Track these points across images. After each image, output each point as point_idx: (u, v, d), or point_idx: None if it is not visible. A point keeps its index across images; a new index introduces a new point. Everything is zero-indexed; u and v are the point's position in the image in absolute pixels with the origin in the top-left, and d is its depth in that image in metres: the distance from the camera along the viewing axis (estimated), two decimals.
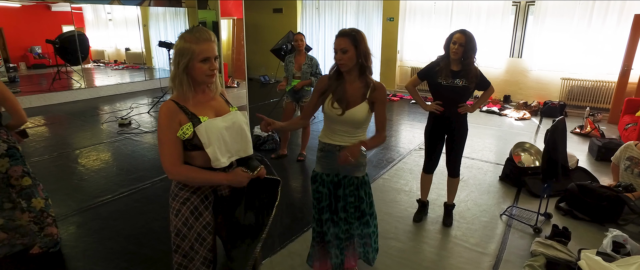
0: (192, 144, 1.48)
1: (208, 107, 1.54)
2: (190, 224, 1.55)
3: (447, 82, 2.64)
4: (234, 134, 1.55)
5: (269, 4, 9.86)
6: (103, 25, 10.62)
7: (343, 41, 1.80)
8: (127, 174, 3.89)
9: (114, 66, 10.64)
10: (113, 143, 4.89)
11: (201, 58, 1.44)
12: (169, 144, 1.44)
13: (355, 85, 1.88)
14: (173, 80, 1.48)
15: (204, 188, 1.56)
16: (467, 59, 2.59)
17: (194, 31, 1.45)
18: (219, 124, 1.50)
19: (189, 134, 1.46)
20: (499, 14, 6.96)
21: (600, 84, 6.49)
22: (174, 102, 1.48)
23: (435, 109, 2.71)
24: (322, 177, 2.02)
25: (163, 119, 1.44)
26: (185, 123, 1.46)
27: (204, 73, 1.47)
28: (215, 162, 1.48)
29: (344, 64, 1.82)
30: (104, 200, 3.33)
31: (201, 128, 1.45)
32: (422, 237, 2.84)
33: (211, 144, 1.46)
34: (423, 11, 7.80)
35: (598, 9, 6.26)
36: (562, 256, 2.50)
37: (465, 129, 2.80)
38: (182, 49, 1.44)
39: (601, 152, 4.33)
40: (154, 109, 6.71)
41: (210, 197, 1.59)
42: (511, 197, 3.47)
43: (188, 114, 1.47)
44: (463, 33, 2.56)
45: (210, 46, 1.45)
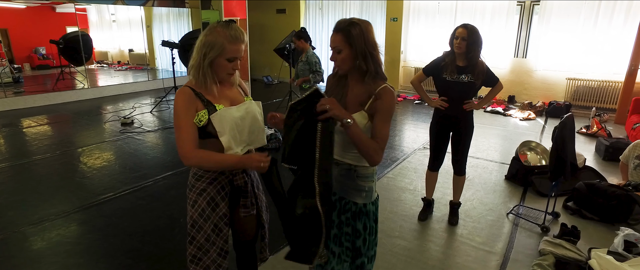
0: (206, 132, 1.48)
1: (223, 96, 1.54)
2: (206, 215, 1.55)
3: (452, 77, 2.61)
4: (248, 124, 1.55)
5: (273, 4, 9.87)
6: (107, 27, 10.64)
7: (336, 38, 1.42)
8: (130, 172, 3.87)
9: (117, 67, 10.66)
10: (116, 142, 4.88)
11: (230, 57, 1.45)
12: (186, 128, 1.43)
13: (355, 91, 1.49)
14: (196, 70, 1.46)
15: (220, 178, 1.56)
16: (472, 54, 2.54)
17: (229, 28, 1.43)
18: (234, 113, 1.50)
19: (204, 121, 1.46)
20: (504, 13, 6.92)
21: (607, 84, 6.43)
22: (190, 88, 1.48)
23: (440, 105, 2.68)
24: None
25: (180, 104, 1.44)
26: (201, 110, 1.46)
27: (226, 71, 1.48)
28: (229, 151, 1.48)
29: (338, 66, 1.47)
30: (107, 198, 3.31)
31: (216, 116, 1.45)
32: (427, 235, 2.81)
33: (225, 133, 1.46)
34: (427, 11, 7.77)
35: (604, 9, 6.21)
36: (572, 255, 2.45)
37: (471, 127, 2.76)
38: (213, 43, 1.42)
39: (609, 151, 4.27)
40: (156, 108, 6.70)
41: (226, 188, 1.58)
42: (517, 196, 3.42)
43: (204, 101, 1.47)
44: (465, 27, 2.52)
45: (240, 47, 1.46)
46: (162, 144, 4.84)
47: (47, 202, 3.23)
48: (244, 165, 1.48)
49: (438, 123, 2.79)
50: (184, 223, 2.87)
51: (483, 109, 6.81)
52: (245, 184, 1.60)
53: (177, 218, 2.96)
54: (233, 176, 1.57)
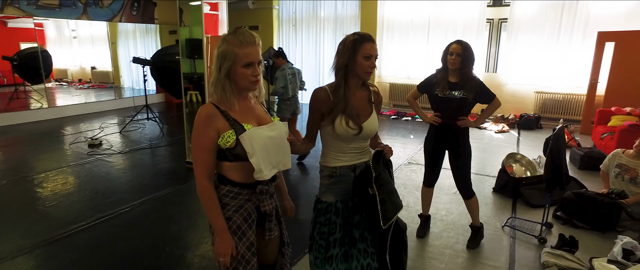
0: (233, 154, 1.37)
1: (250, 114, 1.44)
2: (241, 233, 1.45)
3: (444, 93, 2.58)
4: (277, 145, 1.45)
5: (245, 20, 9.75)
6: (66, 43, 10.07)
7: (376, 47, 1.59)
8: (102, 198, 3.55)
9: (78, 85, 10.07)
10: (83, 165, 4.51)
11: (244, 62, 1.34)
12: (201, 149, 1.36)
13: (359, 94, 1.66)
14: (215, 85, 1.38)
15: (247, 206, 1.46)
16: (466, 69, 2.53)
17: (237, 33, 1.35)
18: (264, 132, 1.40)
19: (231, 142, 1.35)
20: (474, 30, 7.19)
21: (571, 96, 6.79)
22: (214, 106, 1.37)
23: (434, 120, 2.65)
24: (336, 205, 1.72)
25: (200, 122, 1.35)
26: (226, 130, 1.35)
27: (247, 79, 1.37)
28: (258, 173, 1.37)
29: (372, 72, 1.62)
30: (79, 228, 2.99)
31: (246, 136, 1.34)
32: (429, 253, 2.73)
33: (255, 154, 1.35)
34: (400, 27, 7.94)
35: (565, 26, 6.60)
36: (574, 266, 2.45)
37: (467, 144, 2.67)
38: (224, 52, 1.34)
39: (584, 161, 4.44)
40: (126, 128, 6.32)
41: (253, 215, 1.48)
42: (508, 208, 3.44)
43: (229, 120, 1.36)
44: (459, 43, 2.51)
45: (254, 50, 1.36)
46: (137, 166, 4.52)
47: (3, 236, 2.87)
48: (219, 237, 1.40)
49: (432, 139, 2.74)
50: (171, 251, 2.65)
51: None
52: (272, 209, 1.52)
53: (162, 246, 2.71)
54: (260, 202, 1.48)
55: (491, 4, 7.21)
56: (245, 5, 9.09)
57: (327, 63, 9.10)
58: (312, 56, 9.29)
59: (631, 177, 3.18)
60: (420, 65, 7.87)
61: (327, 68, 9.14)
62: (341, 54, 1.58)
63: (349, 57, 1.56)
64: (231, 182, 1.42)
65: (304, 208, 3.40)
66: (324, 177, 1.75)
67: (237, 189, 1.42)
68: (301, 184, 4.14)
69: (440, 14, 7.47)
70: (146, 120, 6.73)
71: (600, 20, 6.36)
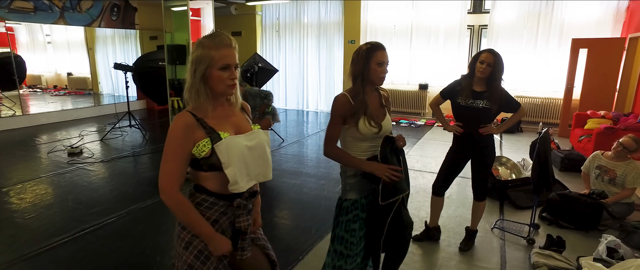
0: (208, 164, 1.30)
1: (228, 122, 1.37)
2: (205, 257, 1.34)
3: (466, 102, 2.53)
4: (256, 156, 1.39)
5: (228, 26, 9.68)
6: (40, 48, 9.72)
7: (387, 54, 1.74)
8: (86, 208, 3.43)
9: (53, 92, 9.73)
10: (64, 174, 4.35)
11: (221, 65, 1.29)
12: (176, 160, 1.27)
13: (373, 97, 1.82)
14: (189, 91, 1.31)
15: (221, 220, 1.37)
16: (495, 81, 2.46)
17: (213, 36, 1.30)
18: (242, 142, 1.34)
19: (206, 152, 1.28)
20: (456, 36, 7.37)
21: (549, 100, 7.03)
22: (192, 114, 1.30)
23: (455, 130, 2.62)
24: (361, 201, 1.82)
25: (177, 131, 1.27)
26: (202, 139, 1.28)
27: (223, 83, 1.31)
28: (234, 185, 1.31)
29: (385, 77, 1.76)
30: (62, 240, 2.87)
31: (221, 146, 1.28)
32: (421, 255, 2.75)
33: (231, 165, 1.29)
34: (384, 33, 8.05)
35: (541, 33, 6.85)
36: (563, 265, 2.53)
37: (491, 151, 2.66)
38: (199, 56, 1.28)
39: (564, 163, 4.59)
40: (108, 136, 6.14)
41: (228, 233, 1.40)
42: (496, 211, 3.51)
43: (206, 128, 1.30)
44: (491, 53, 2.44)
45: (231, 52, 1.31)
46: (120, 175, 4.39)
47: None
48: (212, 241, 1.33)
49: (456, 147, 2.70)
50: (161, 261, 2.58)
51: (443, 128, 7.07)
52: (248, 226, 1.42)
53: (152, 256, 2.64)
54: (235, 217, 1.39)
55: (471, 11, 7.41)
56: (228, 11, 9.03)
57: (311, 68, 9.14)
58: (295, 62, 9.30)
59: (610, 178, 3.31)
60: (404, 71, 8.00)
61: (311, 74, 9.17)
62: (356, 62, 1.73)
63: (363, 65, 1.71)
64: (207, 192, 1.34)
65: (292, 224, 3.37)
66: (348, 177, 1.82)
67: (212, 199, 1.34)
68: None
69: (423, 20, 7.63)
70: (128, 128, 6.56)
71: (573, 27, 6.64)
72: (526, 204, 3.50)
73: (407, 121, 7.67)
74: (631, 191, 3.22)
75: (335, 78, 8.89)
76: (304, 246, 2.82)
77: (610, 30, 6.45)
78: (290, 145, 5.89)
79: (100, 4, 8.11)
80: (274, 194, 3.91)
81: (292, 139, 6.26)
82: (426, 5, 7.53)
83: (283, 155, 5.30)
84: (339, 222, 1.84)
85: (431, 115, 8.09)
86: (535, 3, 6.80)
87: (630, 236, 2.88)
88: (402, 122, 7.63)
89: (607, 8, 6.43)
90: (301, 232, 3.06)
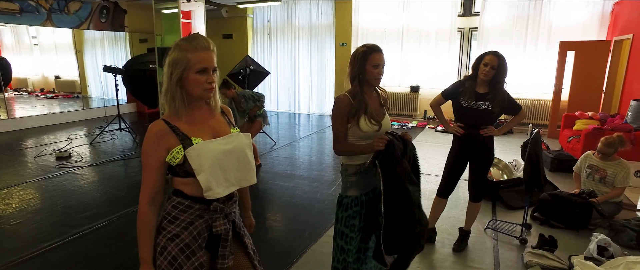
0: (184, 170, 1.28)
1: (205, 127, 1.34)
2: (178, 264, 1.30)
3: (468, 103, 2.53)
4: (234, 160, 1.35)
5: (219, 29, 9.64)
6: (26, 51, 9.56)
7: (382, 56, 1.81)
8: (77, 213, 3.37)
9: (40, 95, 9.56)
10: (52, 179, 4.27)
11: (198, 68, 1.27)
12: (149, 170, 1.28)
13: (373, 97, 1.88)
14: (165, 94, 1.29)
15: (197, 223, 1.34)
16: (498, 84, 2.48)
17: (190, 39, 1.28)
18: (215, 147, 1.30)
19: (179, 159, 1.26)
20: (446, 38, 7.44)
21: (538, 102, 7.14)
22: (165, 122, 1.29)
23: (456, 131, 2.62)
24: (361, 198, 1.87)
25: (148, 141, 1.26)
26: (175, 146, 1.26)
27: (200, 86, 1.29)
28: (208, 191, 1.27)
29: (380, 78, 1.82)
30: (53, 245, 2.82)
31: (192, 152, 1.25)
32: (416, 257, 2.76)
33: (203, 171, 1.25)
34: (375, 36, 8.10)
35: (530, 36, 6.96)
36: (555, 264, 2.56)
37: (490, 153, 2.68)
38: (176, 59, 1.26)
39: (555, 163, 4.66)
40: (97, 139, 6.05)
41: (203, 234, 1.35)
42: (488, 211, 3.54)
43: (179, 135, 1.28)
44: (496, 55, 2.45)
45: (208, 55, 1.28)
46: (111, 179, 4.33)
47: None
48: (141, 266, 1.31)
49: (457, 149, 2.70)
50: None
51: (436, 128, 7.12)
52: (227, 231, 1.37)
53: None
54: (212, 221, 1.35)
55: (462, 14, 7.50)
56: (219, 13, 8.99)
57: (303, 71, 9.14)
58: (287, 64, 9.30)
59: (601, 177, 3.37)
60: (395, 73, 8.04)
61: (302, 76, 9.17)
62: (353, 64, 1.81)
63: (360, 67, 1.78)
64: (183, 195, 1.32)
65: (286, 225, 3.36)
66: (349, 175, 1.87)
67: (188, 202, 1.31)
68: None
69: (414, 23, 7.70)
70: (118, 131, 6.47)
71: (561, 30, 6.76)
72: (518, 204, 3.54)
73: (398, 123, 7.71)
74: (621, 190, 3.28)
75: (327, 80, 8.90)
76: (297, 249, 2.80)
77: (596, 33, 6.58)
78: (282, 148, 5.88)
79: (89, 5, 8.01)
80: (266, 197, 3.89)
81: (284, 142, 6.25)
82: (417, 8, 7.59)
83: (275, 158, 5.28)
84: (339, 217, 1.89)
85: (423, 117, 8.15)
86: (524, 6, 6.91)
87: (619, 234, 2.93)
88: (394, 124, 7.67)
89: (593, 11, 6.57)
90: (295, 235, 3.05)
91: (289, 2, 8.79)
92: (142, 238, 1.30)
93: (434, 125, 7.52)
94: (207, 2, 7.72)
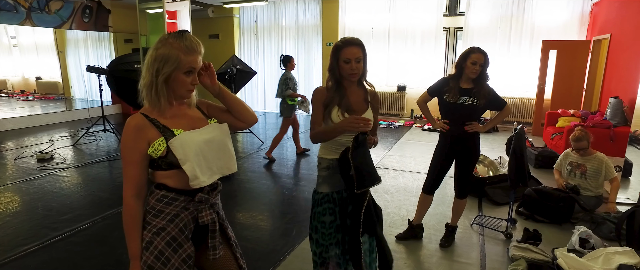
0: (167, 162, 1.28)
1: (182, 118, 1.35)
2: (165, 258, 1.30)
3: (452, 99, 2.55)
4: (215, 149, 1.36)
5: (205, 29, 9.56)
6: (5, 51, 9.31)
7: (358, 50, 1.76)
8: (58, 215, 3.29)
9: (20, 97, 9.32)
10: (32, 181, 4.16)
11: (186, 69, 1.27)
12: (130, 165, 1.27)
13: (357, 93, 1.86)
14: (148, 89, 1.27)
15: (183, 215, 1.34)
16: (482, 79, 2.52)
17: (183, 38, 1.27)
18: (197, 137, 1.31)
19: (162, 151, 1.26)
20: (432, 38, 7.52)
21: (522, 100, 7.26)
22: (144, 116, 1.28)
23: (441, 127, 2.63)
24: (332, 196, 1.87)
25: (128, 135, 1.25)
26: (156, 139, 1.26)
27: (185, 87, 1.30)
28: (194, 180, 1.28)
29: (357, 74, 1.77)
30: (32, 248, 2.74)
31: (176, 142, 1.26)
32: (403, 253, 2.77)
33: (188, 160, 1.26)
34: (362, 35, 7.98)
35: (513, 35, 7.08)
36: (539, 257, 2.59)
37: (477, 149, 2.69)
38: (167, 56, 1.24)
39: (539, 159, 4.74)
40: (81, 141, 5.93)
41: (190, 226, 1.35)
42: (475, 207, 3.58)
43: (159, 127, 1.28)
44: (481, 52, 2.48)
45: (197, 58, 1.29)
46: (95, 180, 4.24)
47: None
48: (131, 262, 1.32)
49: (442, 145, 2.71)
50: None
51: (422, 128, 7.17)
52: (213, 222, 1.37)
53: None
54: (198, 212, 1.35)
55: (447, 14, 7.58)
56: (205, 13, 8.91)
57: None
58: (274, 64, 9.26)
59: (582, 172, 3.44)
60: (382, 72, 8.09)
61: None
62: (331, 58, 1.81)
63: (333, 62, 1.79)
64: (167, 188, 1.31)
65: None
66: (321, 169, 1.87)
67: (172, 195, 1.31)
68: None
69: (400, 23, 7.75)
70: (103, 132, 6.35)
71: (543, 30, 6.90)
72: (503, 200, 3.59)
73: (385, 122, 7.75)
74: (616, 181, 3.36)
75: (314, 80, 8.89)
76: (284, 248, 2.79)
77: (577, 32, 6.74)
78: (269, 147, 5.84)
79: (71, 5, 7.85)
80: (253, 196, 3.86)
81: (271, 142, 6.21)
82: (403, 8, 7.65)
83: (262, 157, 5.25)
84: (313, 213, 1.90)
85: (410, 116, 8.21)
86: (507, 6, 7.03)
87: (600, 227, 3.00)
88: (381, 124, 7.71)
89: (573, 12, 6.72)
90: (281, 233, 3.03)
91: (275, 2, 8.76)
92: (131, 233, 1.30)
93: (421, 124, 7.59)
94: (192, 2, 7.65)
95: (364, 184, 1.66)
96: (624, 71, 4.99)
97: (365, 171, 1.67)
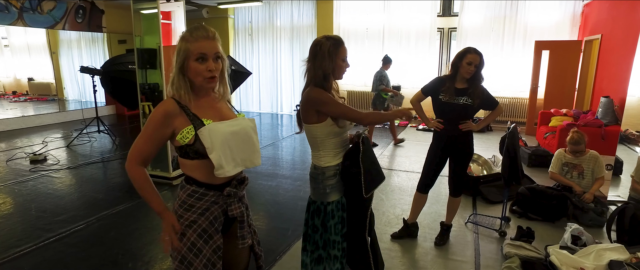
0: (193, 150, 1.32)
1: (211, 110, 1.39)
2: (198, 249, 1.36)
3: (447, 99, 2.57)
4: (240, 141, 1.40)
5: None
6: None
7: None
8: (52, 216, 3.26)
9: (12, 98, 9.23)
10: (25, 183, 4.12)
11: (196, 55, 1.29)
12: (148, 140, 1.30)
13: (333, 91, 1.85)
14: (171, 83, 1.34)
15: (213, 209, 1.39)
16: (477, 80, 2.54)
17: (192, 29, 1.32)
18: (224, 128, 1.35)
19: (190, 138, 1.30)
20: (426, 38, 7.56)
21: (516, 100, 7.33)
22: (176, 101, 1.32)
23: (436, 126, 2.64)
24: (342, 201, 1.81)
25: (157, 116, 1.29)
26: (185, 126, 1.30)
27: (200, 75, 1.31)
28: (219, 170, 1.32)
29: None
30: (25, 250, 2.72)
31: (204, 131, 1.29)
32: (398, 251, 2.79)
33: (215, 149, 1.30)
34: (356, 36, 8.16)
35: (507, 36, 7.14)
36: (533, 254, 2.63)
37: (470, 148, 2.71)
38: (178, 49, 1.31)
39: (532, 158, 4.79)
40: (75, 142, 5.88)
41: (220, 218, 1.42)
42: (469, 206, 3.61)
43: (190, 115, 1.32)
44: (477, 53, 2.50)
45: (208, 43, 1.31)
46: (89, 181, 4.21)
47: None
48: (161, 217, 1.34)
49: (437, 144, 2.72)
50: (134, 267, 2.49)
51: (417, 128, 7.20)
52: (242, 214, 1.44)
53: (124, 263, 2.55)
54: (227, 206, 1.41)
55: (441, 14, 7.63)
56: (200, 14, 8.89)
57: (285, 72, 9.12)
58: (269, 65, 9.26)
59: (579, 173, 3.47)
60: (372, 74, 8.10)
61: (284, 77, 9.14)
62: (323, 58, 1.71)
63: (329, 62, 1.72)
64: (197, 183, 1.36)
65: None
66: (328, 178, 1.75)
67: (203, 190, 1.36)
68: None
69: (394, 23, 7.78)
70: (97, 133, 6.31)
71: (536, 30, 6.96)
72: (497, 198, 3.62)
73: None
74: (602, 179, 3.39)
75: None
76: (280, 247, 2.80)
77: (569, 33, 6.81)
78: (265, 148, 5.85)
79: (64, 5, 7.79)
80: (249, 196, 3.84)
81: (267, 142, 6.22)
82: (397, 8, 7.69)
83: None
84: (328, 227, 1.77)
85: None
86: (500, 6, 7.09)
87: (583, 214, 3.11)
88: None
89: (565, 12, 6.79)
90: (278, 233, 3.04)
91: (270, 2, 8.76)
92: (149, 193, 1.33)
93: (416, 124, 7.63)
94: (187, 3, 7.63)
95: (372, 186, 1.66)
96: (615, 71, 5.06)
97: (374, 172, 1.67)
